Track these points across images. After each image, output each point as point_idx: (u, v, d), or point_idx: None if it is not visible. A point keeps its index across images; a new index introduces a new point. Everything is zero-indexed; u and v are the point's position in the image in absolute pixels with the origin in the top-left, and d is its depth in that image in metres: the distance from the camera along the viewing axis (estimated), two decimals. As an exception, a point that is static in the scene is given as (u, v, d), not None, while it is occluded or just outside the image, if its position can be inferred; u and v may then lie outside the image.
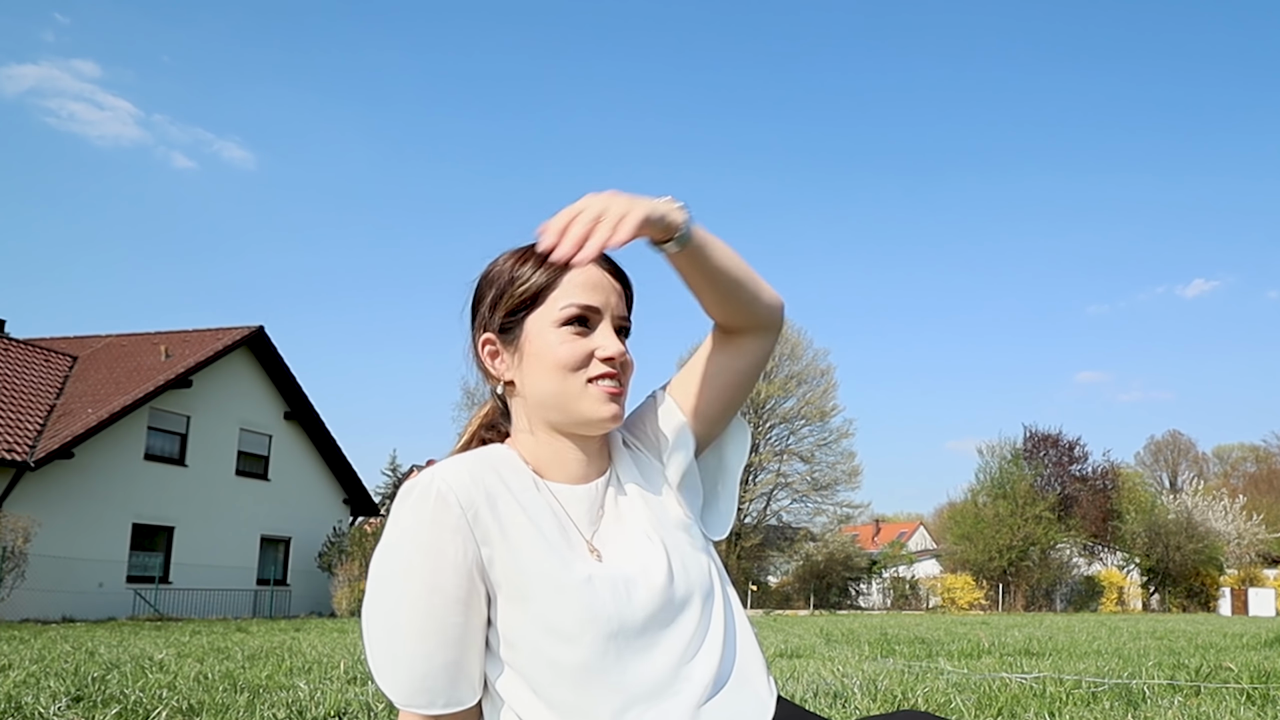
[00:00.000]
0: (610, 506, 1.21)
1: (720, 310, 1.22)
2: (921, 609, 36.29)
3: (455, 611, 1.08)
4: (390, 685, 1.09)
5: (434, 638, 1.08)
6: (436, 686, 1.09)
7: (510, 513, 1.12)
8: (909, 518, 69.82)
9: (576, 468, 1.20)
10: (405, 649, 1.08)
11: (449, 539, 1.08)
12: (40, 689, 4.60)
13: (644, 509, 1.21)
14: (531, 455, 1.20)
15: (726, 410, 1.28)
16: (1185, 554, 37.44)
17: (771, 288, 1.25)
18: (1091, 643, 9.08)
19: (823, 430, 38.40)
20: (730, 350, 1.25)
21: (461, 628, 1.09)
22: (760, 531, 38.22)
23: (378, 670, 1.10)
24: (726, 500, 1.31)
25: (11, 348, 24.07)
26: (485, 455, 1.17)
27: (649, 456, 1.27)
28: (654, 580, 1.14)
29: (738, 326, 1.24)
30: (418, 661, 1.08)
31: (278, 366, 26.54)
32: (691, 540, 1.21)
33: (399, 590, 1.08)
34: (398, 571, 1.09)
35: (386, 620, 1.09)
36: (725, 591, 1.22)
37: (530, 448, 1.20)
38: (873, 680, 4.90)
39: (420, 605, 1.07)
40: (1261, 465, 60.09)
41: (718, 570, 1.23)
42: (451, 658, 1.09)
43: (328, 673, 5.57)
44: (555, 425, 1.19)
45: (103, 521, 21.68)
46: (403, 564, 1.08)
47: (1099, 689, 4.33)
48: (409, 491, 1.11)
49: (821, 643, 9.32)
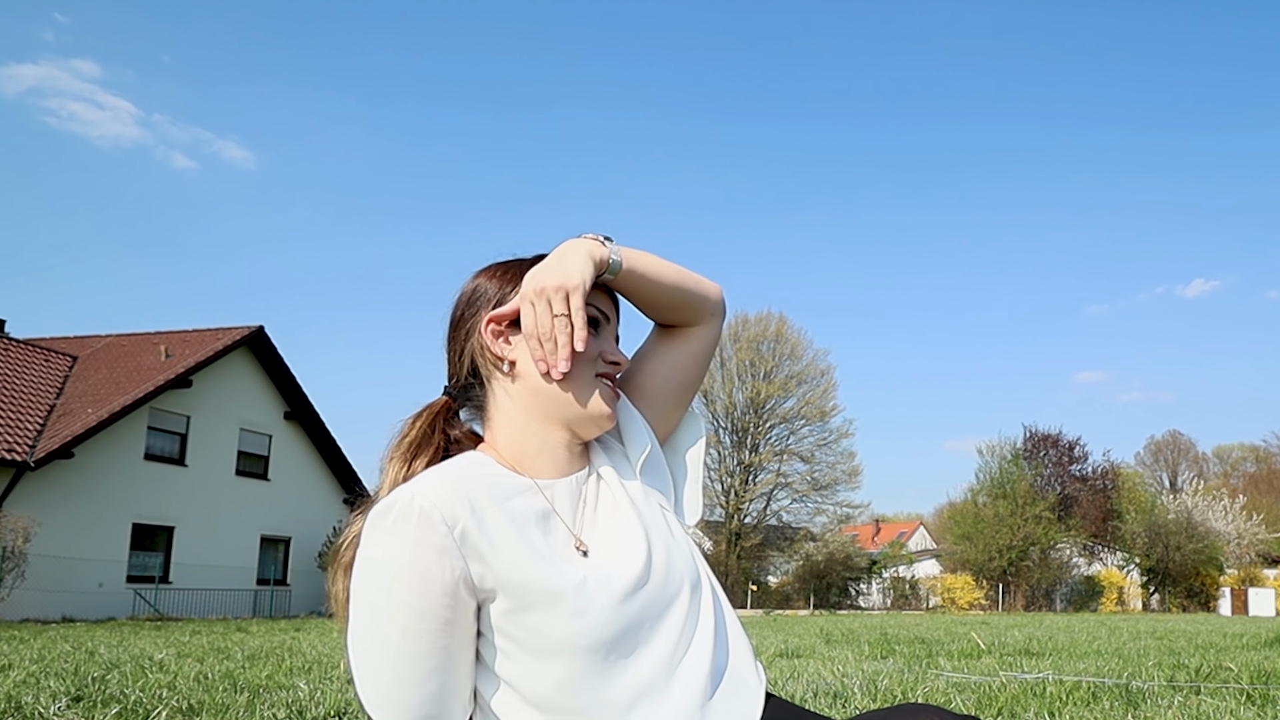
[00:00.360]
0: (590, 499, 1.20)
1: (661, 315, 1.29)
2: (921, 609, 36.31)
3: (444, 634, 1.05)
4: (385, 715, 1.05)
5: (424, 662, 1.04)
6: (431, 712, 1.06)
7: (497, 525, 1.08)
8: (909, 518, 69.86)
9: (562, 461, 1.19)
10: (396, 676, 1.04)
11: (434, 560, 1.03)
12: (40, 689, 4.60)
13: (625, 500, 1.20)
14: (514, 448, 1.18)
15: (681, 400, 1.32)
16: (1185, 554, 37.45)
17: (708, 281, 1.30)
18: (1091, 643, 9.08)
19: (823, 430, 38.42)
20: (678, 342, 1.31)
21: (450, 650, 1.06)
22: (760, 531, 38.24)
23: (368, 701, 1.06)
24: (690, 487, 1.32)
25: (11, 348, 24.08)
26: (463, 465, 1.14)
27: (619, 451, 1.28)
28: (643, 573, 1.13)
29: (682, 323, 1.30)
30: (410, 688, 1.05)
31: (278, 366, 26.54)
32: (670, 528, 1.21)
33: (385, 617, 1.04)
34: (382, 598, 1.04)
35: (374, 650, 1.05)
36: (710, 579, 1.22)
37: (514, 439, 1.18)
38: (873, 680, 4.90)
39: (410, 631, 1.04)
40: (1261, 465, 60.12)
41: (698, 556, 1.22)
42: (443, 680, 1.06)
43: (328, 673, 5.57)
44: (553, 415, 1.18)
45: (103, 521, 21.69)
46: (386, 589, 1.04)
47: (1099, 689, 4.33)
48: (387, 511, 1.05)
49: (821, 643, 9.32)
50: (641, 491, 1.23)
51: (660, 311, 1.28)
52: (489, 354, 1.19)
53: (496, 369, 1.19)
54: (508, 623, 1.08)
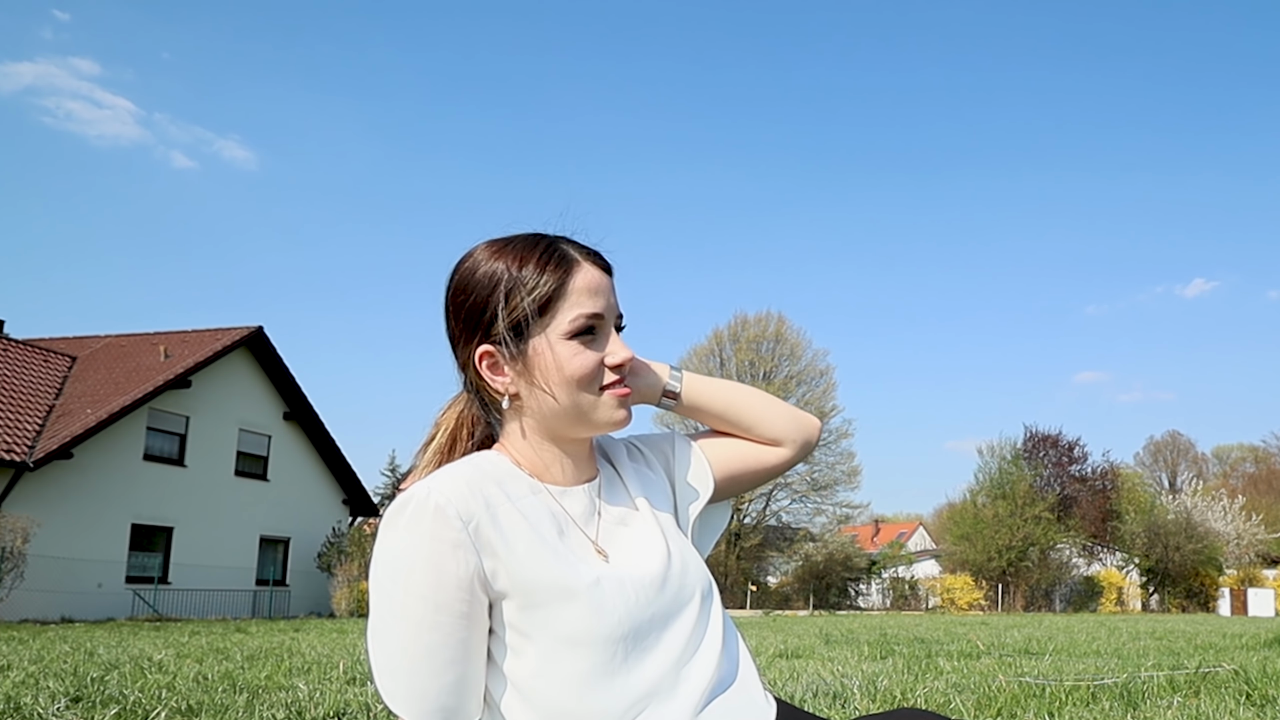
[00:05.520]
0: (607, 507, 1.21)
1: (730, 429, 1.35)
2: (921, 609, 36.29)
3: (460, 627, 1.07)
4: (403, 707, 1.08)
5: (440, 654, 1.06)
6: (449, 704, 1.08)
7: (511, 521, 1.10)
8: (908, 518, 69.87)
9: (572, 470, 1.20)
10: (413, 668, 1.06)
11: (449, 554, 1.05)
12: (39, 689, 4.60)
13: (647, 510, 1.22)
14: (527, 457, 1.18)
15: (732, 490, 1.35)
16: (1184, 554, 37.45)
17: (799, 414, 1.36)
18: (1091, 643, 9.08)
19: (822, 430, 38.40)
20: (754, 443, 1.34)
21: (466, 643, 1.08)
22: (760, 531, 38.23)
23: (386, 692, 1.08)
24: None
25: (11, 348, 24.07)
26: (478, 463, 1.15)
27: (657, 474, 1.28)
28: (658, 576, 1.14)
29: (758, 440, 1.34)
30: (428, 680, 1.06)
31: (277, 366, 26.54)
32: (687, 544, 1.23)
33: (402, 610, 1.06)
34: (399, 591, 1.06)
35: (392, 642, 1.07)
36: (720, 600, 1.23)
37: (525, 450, 1.18)
38: (872, 680, 4.90)
39: (426, 624, 1.05)
40: (1261, 465, 60.13)
41: (711, 579, 1.24)
42: (460, 673, 1.08)
43: (327, 673, 5.57)
44: (562, 434, 1.17)
45: (102, 522, 21.68)
46: (402, 583, 1.06)
47: (1098, 688, 4.33)
48: (404, 506, 1.07)
49: (821, 643, 9.32)
50: (665, 507, 1.25)
51: (724, 428, 1.34)
52: (487, 387, 1.16)
53: (497, 400, 1.17)
54: (520, 619, 1.09)
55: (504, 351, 1.13)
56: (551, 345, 1.11)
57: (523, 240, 1.15)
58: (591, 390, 1.13)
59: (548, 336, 1.11)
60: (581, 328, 1.12)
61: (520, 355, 1.12)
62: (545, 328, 1.12)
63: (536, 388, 1.13)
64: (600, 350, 1.14)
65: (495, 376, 1.14)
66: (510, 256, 1.13)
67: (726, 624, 1.21)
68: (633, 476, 1.25)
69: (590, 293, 1.13)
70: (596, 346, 1.14)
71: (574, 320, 1.11)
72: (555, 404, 1.13)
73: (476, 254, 1.16)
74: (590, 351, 1.13)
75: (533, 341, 1.12)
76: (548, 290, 1.11)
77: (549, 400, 1.13)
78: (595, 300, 1.13)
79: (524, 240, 1.15)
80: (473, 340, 1.14)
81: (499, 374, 1.14)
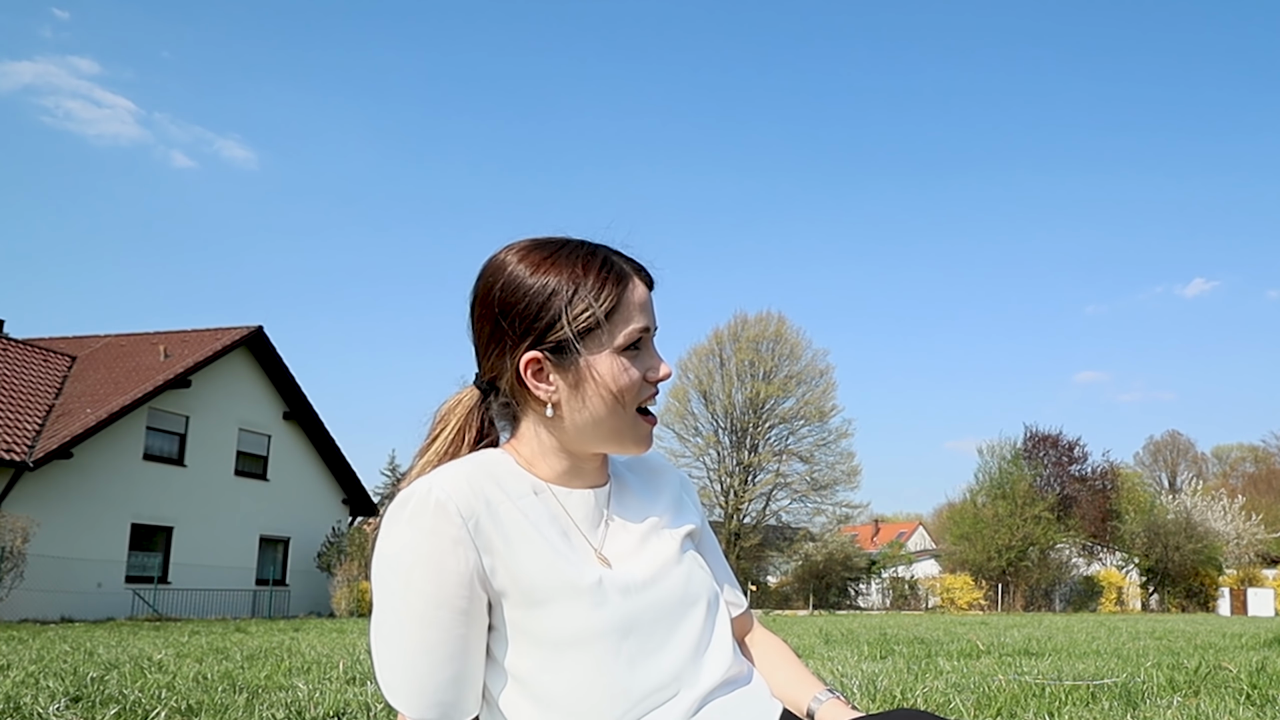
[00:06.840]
0: (615, 513, 1.21)
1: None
2: (920, 609, 36.30)
3: (460, 623, 1.07)
4: (403, 702, 1.08)
5: (440, 650, 1.07)
6: (447, 699, 1.08)
7: (512, 520, 1.10)
8: (908, 518, 69.89)
9: (580, 476, 1.20)
10: (413, 663, 1.07)
11: (450, 550, 1.06)
12: (39, 689, 4.60)
13: (655, 518, 1.22)
14: (539, 462, 1.18)
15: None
16: (1184, 554, 37.47)
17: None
18: (1091, 643, 9.08)
19: (822, 430, 38.39)
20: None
21: (466, 639, 1.08)
22: (759, 531, 38.24)
23: (386, 686, 1.09)
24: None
25: (10, 348, 24.06)
26: (481, 461, 1.15)
27: (669, 489, 1.29)
28: (663, 579, 1.14)
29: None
30: (426, 676, 1.07)
31: (277, 366, 26.53)
32: (694, 553, 1.24)
33: (402, 605, 1.06)
34: (399, 586, 1.07)
35: (393, 637, 1.07)
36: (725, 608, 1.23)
37: (540, 456, 1.18)
38: (872, 680, 4.90)
39: (426, 619, 1.06)
40: (1261, 465, 60.17)
41: (717, 589, 1.24)
42: (458, 669, 1.08)
43: (326, 673, 5.57)
44: (587, 448, 1.17)
45: (101, 521, 21.68)
46: (403, 578, 1.06)
47: (1098, 689, 4.33)
48: (405, 502, 1.08)
49: (821, 643, 9.32)
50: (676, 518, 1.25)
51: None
52: (528, 393, 1.15)
53: (534, 406, 1.16)
54: (520, 617, 1.09)
55: (553, 360, 1.12)
56: (605, 358, 1.12)
57: (574, 248, 1.15)
58: (630, 407, 1.14)
59: (603, 349, 1.12)
60: (634, 341, 1.13)
61: (572, 365, 1.12)
62: (601, 340, 1.12)
63: (583, 397, 1.13)
64: (643, 365, 1.15)
65: (539, 384, 1.13)
66: (568, 265, 1.13)
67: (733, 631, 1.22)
68: (643, 486, 1.26)
69: (640, 307, 1.15)
70: (640, 361, 1.15)
71: (629, 334, 1.13)
72: (590, 418, 1.13)
73: (523, 258, 1.14)
74: (634, 365, 1.14)
75: (587, 351, 1.12)
76: (610, 303, 1.11)
77: (587, 414, 1.13)
78: (646, 314, 1.15)
79: (576, 249, 1.15)
80: (519, 345, 1.12)
81: (543, 381, 1.13)
